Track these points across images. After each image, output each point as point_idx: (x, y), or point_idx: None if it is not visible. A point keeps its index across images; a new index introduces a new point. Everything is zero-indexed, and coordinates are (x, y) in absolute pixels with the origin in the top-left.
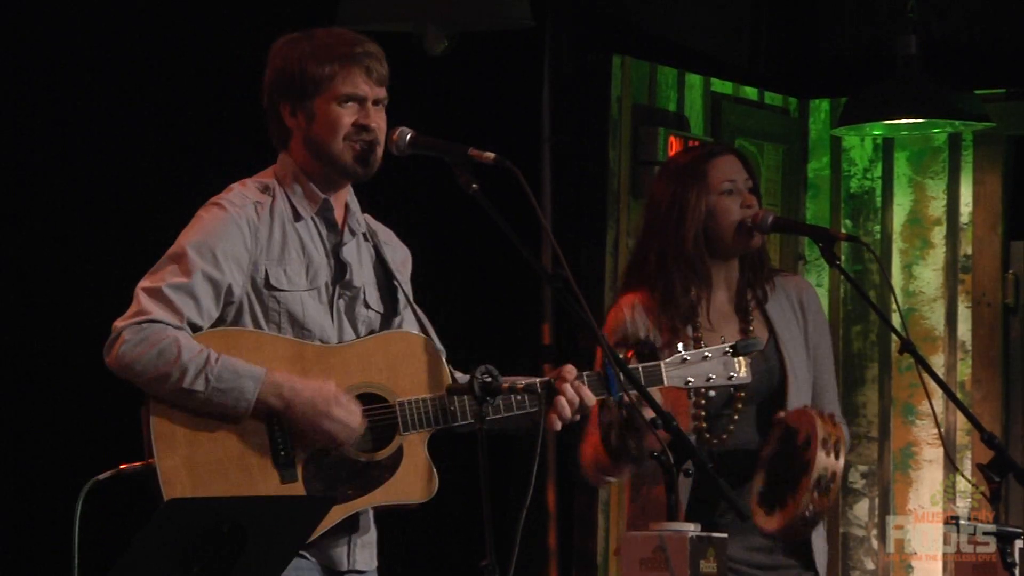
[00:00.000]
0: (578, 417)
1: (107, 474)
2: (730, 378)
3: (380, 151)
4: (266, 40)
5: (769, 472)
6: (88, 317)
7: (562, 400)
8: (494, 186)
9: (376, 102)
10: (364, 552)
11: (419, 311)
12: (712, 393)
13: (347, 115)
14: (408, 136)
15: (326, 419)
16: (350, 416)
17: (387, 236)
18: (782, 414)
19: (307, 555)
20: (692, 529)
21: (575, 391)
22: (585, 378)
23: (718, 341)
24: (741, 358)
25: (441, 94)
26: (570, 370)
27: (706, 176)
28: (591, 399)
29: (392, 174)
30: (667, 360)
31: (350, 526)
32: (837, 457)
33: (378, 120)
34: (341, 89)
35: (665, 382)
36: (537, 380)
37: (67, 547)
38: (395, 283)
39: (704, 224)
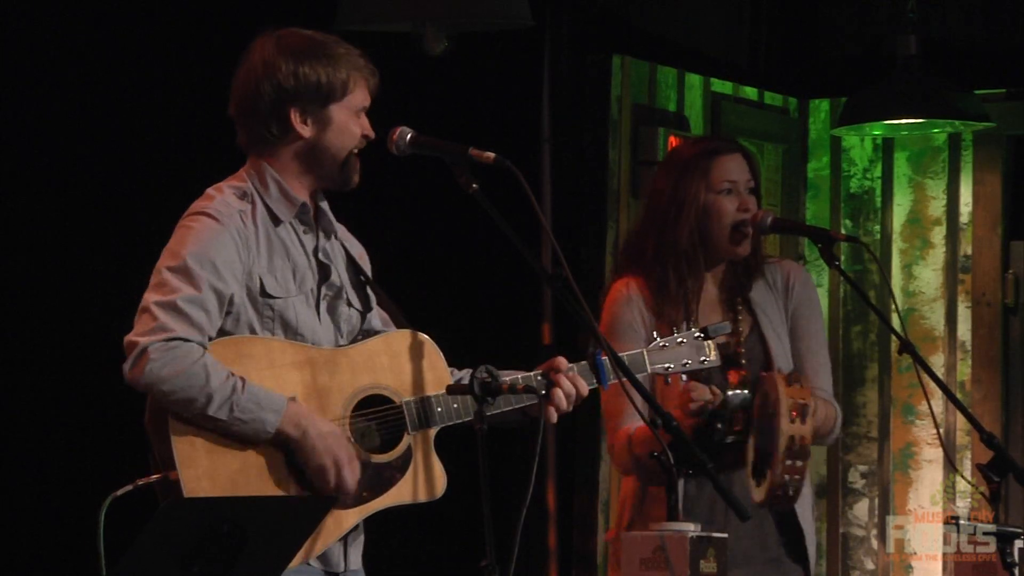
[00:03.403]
0: (571, 408)
1: (124, 489)
2: (702, 362)
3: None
4: None
5: (757, 443)
6: (103, 334)
7: (559, 392)
8: (494, 186)
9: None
10: (354, 552)
11: (387, 302)
12: (683, 378)
13: (357, 126)
14: (408, 136)
15: (331, 461)
16: (351, 470)
17: (343, 233)
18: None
19: (310, 560)
20: (692, 529)
21: (570, 382)
22: (575, 369)
23: None
24: (711, 341)
25: (441, 94)
26: (562, 362)
27: (708, 172)
28: (585, 389)
29: (392, 174)
30: (648, 347)
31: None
32: (803, 421)
33: None
34: (359, 100)
35: (648, 369)
36: (532, 374)
37: (90, 565)
38: (362, 279)
39: (698, 221)
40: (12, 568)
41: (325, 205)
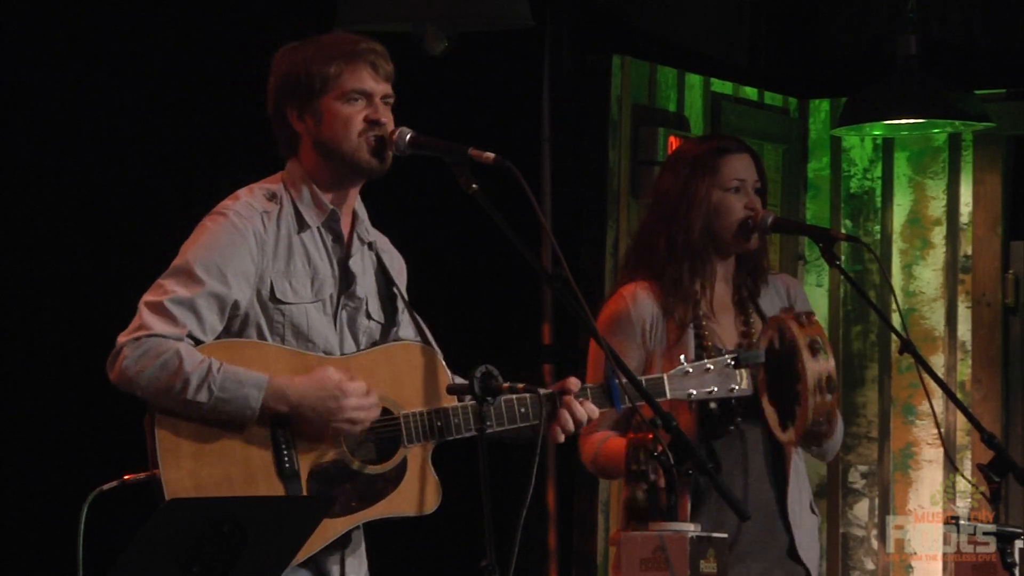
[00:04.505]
0: (579, 430)
1: (111, 484)
2: (731, 390)
3: (392, 147)
4: (266, 43)
5: (771, 394)
6: (93, 327)
7: (565, 413)
8: (494, 186)
9: (384, 98)
10: (353, 562)
11: (417, 316)
12: (713, 405)
13: (356, 111)
14: (408, 136)
15: (337, 418)
16: (360, 408)
17: (384, 243)
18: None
19: (305, 567)
20: (692, 529)
21: (580, 407)
22: (588, 392)
23: (720, 331)
24: (742, 369)
25: (441, 94)
26: (574, 383)
27: (718, 170)
28: (595, 412)
29: (392, 174)
30: (670, 372)
31: (341, 541)
32: (826, 357)
33: (388, 116)
34: (347, 85)
35: (668, 395)
36: (543, 393)
37: (72, 558)
38: (395, 291)
39: (708, 218)
40: None
41: (363, 212)
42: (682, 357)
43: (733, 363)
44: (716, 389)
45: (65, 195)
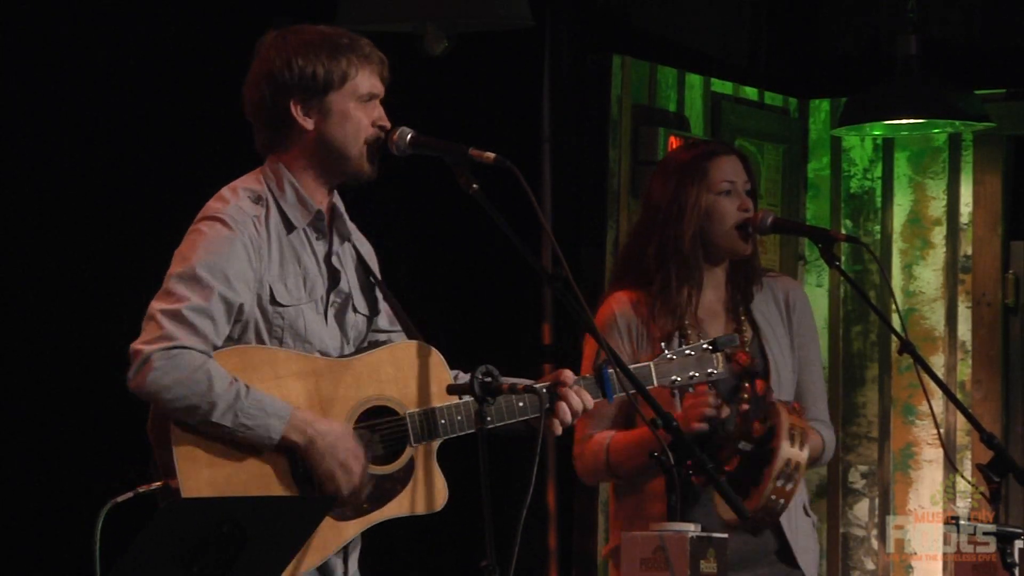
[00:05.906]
0: (575, 421)
1: (125, 496)
2: (709, 374)
3: (392, 149)
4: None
5: (740, 463)
6: (105, 339)
7: (563, 405)
8: (494, 186)
9: (381, 100)
10: (352, 559)
11: (395, 302)
12: (690, 389)
13: (366, 114)
14: (408, 136)
15: (340, 467)
16: (357, 473)
17: (355, 233)
18: (746, 407)
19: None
20: (692, 529)
21: (576, 396)
22: (582, 383)
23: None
24: (718, 354)
25: (441, 94)
26: (568, 375)
27: (707, 175)
28: (590, 402)
29: (392, 174)
30: (655, 360)
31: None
32: (801, 447)
33: None
34: (363, 87)
35: (655, 382)
36: (539, 386)
37: (88, 570)
38: (372, 280)
39: (700, 223)
40: (11, 571)
41: (341, 207)
42: (663, 344)
43: (711, 348)
44: (696, 374)
45: (73, 202)
